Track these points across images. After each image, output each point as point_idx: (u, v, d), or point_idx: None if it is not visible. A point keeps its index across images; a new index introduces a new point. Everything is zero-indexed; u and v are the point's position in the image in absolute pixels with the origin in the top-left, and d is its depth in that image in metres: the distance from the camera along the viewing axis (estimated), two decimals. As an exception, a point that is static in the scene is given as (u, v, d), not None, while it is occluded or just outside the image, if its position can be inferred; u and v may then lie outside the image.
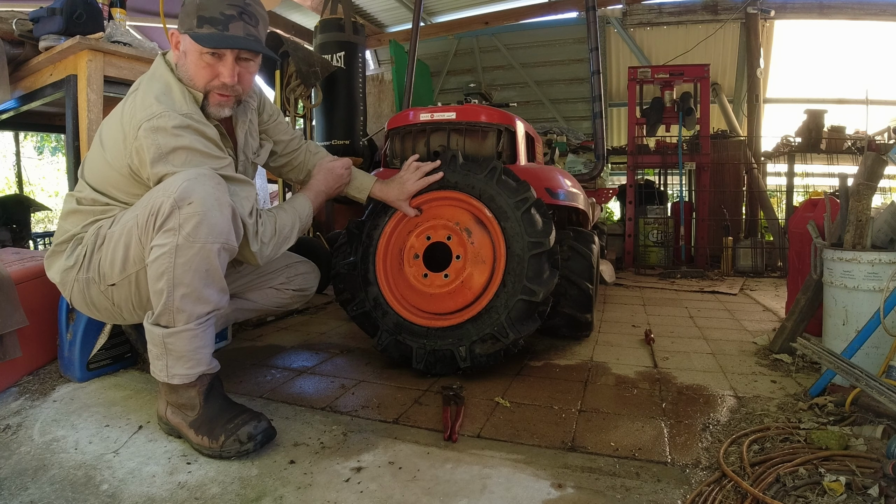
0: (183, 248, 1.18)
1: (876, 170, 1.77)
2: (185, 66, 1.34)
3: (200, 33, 1.29)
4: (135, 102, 1.30)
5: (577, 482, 1.14)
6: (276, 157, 1.73)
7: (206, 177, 1.22)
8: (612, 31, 6.57)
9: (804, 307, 1.98)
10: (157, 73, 1.37)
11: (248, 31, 1.33)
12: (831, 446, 1.20)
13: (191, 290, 1.21)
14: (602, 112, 2.98)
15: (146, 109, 1.26)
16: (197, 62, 1.32)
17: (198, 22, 1.29)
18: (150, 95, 1.28)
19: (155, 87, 1.31)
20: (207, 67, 1.32)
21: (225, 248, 1.23)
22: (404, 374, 1.80)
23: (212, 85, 1.34)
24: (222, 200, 1.22)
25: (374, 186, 1.80)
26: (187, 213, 1.18)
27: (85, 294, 1.38)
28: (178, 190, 1.18)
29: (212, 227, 1.19)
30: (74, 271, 1.36)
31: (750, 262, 4.63)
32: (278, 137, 1.71)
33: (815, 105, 5.21)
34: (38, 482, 1.13)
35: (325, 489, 1.11)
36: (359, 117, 3.74)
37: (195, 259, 1.19)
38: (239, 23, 1.31)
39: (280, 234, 1.46)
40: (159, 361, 1.27)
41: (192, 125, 1.27)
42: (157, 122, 1.24)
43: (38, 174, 8.40)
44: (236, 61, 1.34)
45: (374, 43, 6.68)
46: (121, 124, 1.31)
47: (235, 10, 1.30)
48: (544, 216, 1.78)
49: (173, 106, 1.28)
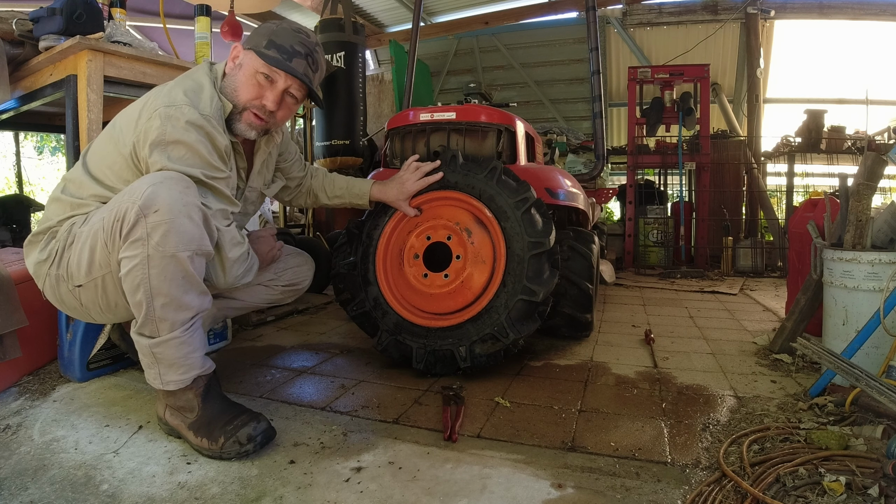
0: (154, 258, 1.16)
1: (876, 170, 1.77)
2: (234, 77, 1.39)
3: (266, 53, 1.36)
4: (161, 91, 1.32)
5: (577, 482, 1.14)
6: (289, 191, 1.82)
7: (172, 180, 1.19)
8: (612, 31, 6.57)
9: (804, 307, 1.98)
10: (195, 75, 1.39)
11: (307, 72, 1.41)
12: (831, 446, 1.20)
13: (170, 299, 1.19)
14: (602, 112, 2.98)
15: (170, 97, 1.28)
16: (249, 78, 1.37)
17: (267, 44, 1.36)
18: (179, 89, 1.31)
19: (186, 84, 1.34)
20: (256, 86, 1.38)
21: (198, 253, 1.21)
22: (404, 374, 1.80)
23: (252, 104, 1.39)
24: (191, 204, 1.19)
25: (374, 188, 1.80)
26: (154, 222, 1.15)
27: (55, 290, 1.36)
28: (143, 196, 1.15)
29: (181, 235, 1.17)
30: (47, 265, 1.35)
31: (750, 262, 4.63)
32: (293, 174, 1.79)
33: (815, 105, 5.20)
34: (38, 482, 1.13)
35: (325, 489, 1.11)
36: (359, 117, 3.73)
37: (168, 268, 1.17)
38: (303, 61, 1.39)
39: (251, 259, 1.46)
40: (151, 370, 1.26)
41: (205, 126, 1.27)
42: (174, 111, 1.25)
43: (38, 174, 8.40)
44: (283, 93, 1.40)
45: (374, 43, 6.68)
46: (141, 105, 1.33)
47: (304, 50, 1.39)
48: (544, 216, 1.78)
49: (197, 104, 1.29)
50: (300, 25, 1.45)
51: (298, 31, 1.41)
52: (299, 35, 1.40)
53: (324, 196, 1.84)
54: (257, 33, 1.40)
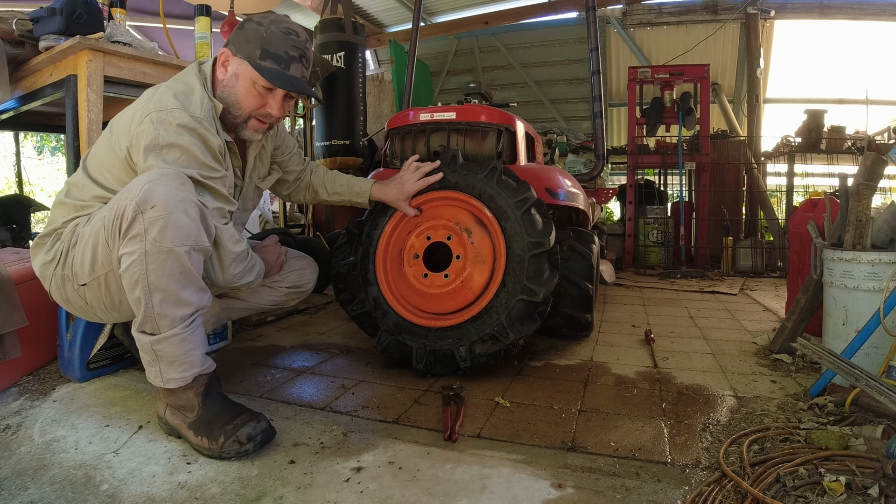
0: (152, 253, 1.16)
1: (876, 170, 1.77)
2: (233, 88, 1.39)
3: (264, 67, 1.36)
4: (153, 96, 1.33)
5: (577, 482, 1.14)
6: (287, 184, 1.81)
7: (169, 177, 1.20)
8: (612, 31, 6.57)
9: (804, 307, 1.98)
10: (184, 77, 1.39)
11: (303, 73, 1.44)
12: (831, 446, 1.20)
13: (168, 295, 1.19)
14: (602, 112, 2.98)
15: (160, 102, 1.29)
16: (249, 90, 1.39)
17: (261, 55, 1.36)
18: (169, 92, 1.32)
19: (177, 87, 1.35)
20: (258, 96, 1.40)
21: (196, 249, 1.21)
22: (404, 374, 1.80)
23: (257, 112, 1.41)
24: (187, 200, 1.20)
25: (373, 188, 1.81)
26: (151, 218, 1.16)
27: (61, 290, 1.38)
28: (140, 193, 1.16)
29: (178, 230, 1.17)
30: (52, 266, 1.37)
31: (750, 262, 4.63)
32: (291, 168, 1.79)
33: (815, 105, 5.20)
34: (38, 482, 1.13)
35: (325, 489, 1.11)
36: (359, 117, 3.74)
37: (166, 264, 1.17)
38: (298, 64, 1.41)
39: (251, 260, 1.46)
40: (152, 368, 1.27)
41: (197, 128, 1.28)
42: (165, 115, 1.26)
43: (38, 174, 8.41)
44: (284, 97, 1.43)
45: (374, 43, 6.67)
46: (133, 109, 1.34)
47: (297, 53, 1.40)
48: (544, 216, 1.78)
49: (188, 107, 1.30)
50: (285, 19, 1.43)
51: (287, 31, 1.39)
52: (290, 37, 1.39)
53: (324, 192, 1.84)
54: (247, 39, 1.37)
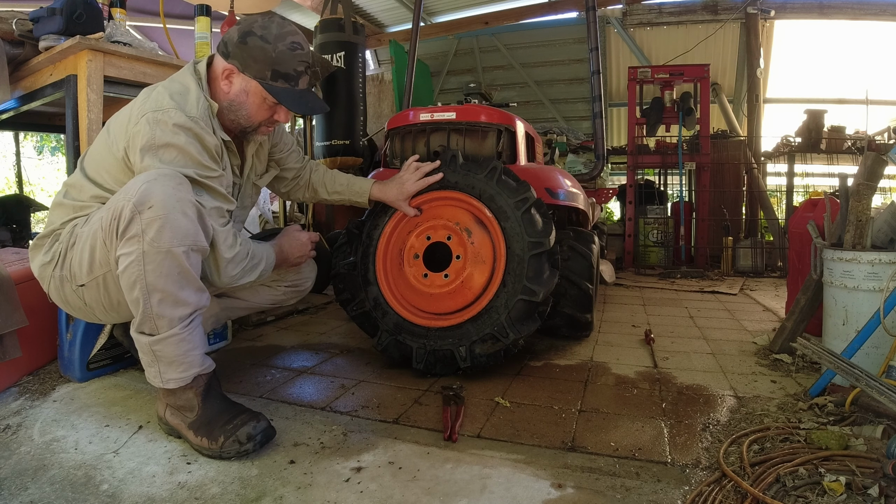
0: (149, 254, 1.16)
1: (876, 170, 1.77)
2: (244, 104, 1.41)
3: (277, 89, 1.39)
4: (149, 96, 1.33)
5: (577, 482, 1.14)
6: (286, 182, 1.81)
7: (166, 177, 1.20)
8: (612, 31, 6.57)
9: (804, 307, 1.98)
10: (180, 77, 1.39)
11: (312, 84, 1.48)
12: (831, 446, 1.20)
13: (166, 295, 1.19)
14: (602, 112, 2.98)
15: (156, 102, 1.29)
16: (260, 104, 1.42)
17: (272, 75, 1.38)
18: (165, 93, 1.32)
19: (173, 87, 1.35)
20: (269, 109, 1.44)
21: (194, 249, 1.21)
22: (404, 374, 1.80)
23: (267, 121, 1.47)
24: (185, 200, 1.20)
25: (373, 188, 1.80)
26: (148, 218, 1.16)
27: (60, 291, 1.38)
28: (138, 193, 1.16)
29: (175, 230, 1.17)
30: (51, 267, 1.36)
31: (750, 262, 4.63)
32: (290, 165, 1.78)
33: (815, 105, 5.21)
34: (38, 482, 1.13)
35: (325, 489, 1.11)
36: (359, 117, 3.73)
37: (164, 264, 1.17)
38: (306, 77, 1.45)
39: (251, 260, 1.44)
40: (151, 368, 1.27)
41: (193, 128, 1.28)
42: (161, 115, 1.26)
43: (38, 174, 8.40)
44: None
45: (374, 43, 6.68)
46: (130, 110, 1.34)
47: (304, 66, 1.43)
48: (544, 216, 1.78)
49: (184, 107, 1.30)
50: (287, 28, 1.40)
51: (293, 47, 1.38)
52: (296, 53, 1.38)
53: (323, 191, 1.84)
54: (253, 58, 1.35)
